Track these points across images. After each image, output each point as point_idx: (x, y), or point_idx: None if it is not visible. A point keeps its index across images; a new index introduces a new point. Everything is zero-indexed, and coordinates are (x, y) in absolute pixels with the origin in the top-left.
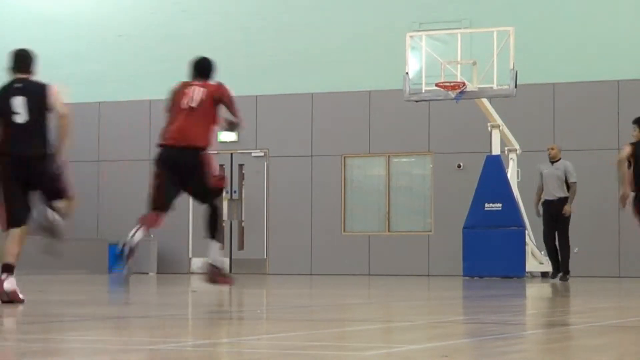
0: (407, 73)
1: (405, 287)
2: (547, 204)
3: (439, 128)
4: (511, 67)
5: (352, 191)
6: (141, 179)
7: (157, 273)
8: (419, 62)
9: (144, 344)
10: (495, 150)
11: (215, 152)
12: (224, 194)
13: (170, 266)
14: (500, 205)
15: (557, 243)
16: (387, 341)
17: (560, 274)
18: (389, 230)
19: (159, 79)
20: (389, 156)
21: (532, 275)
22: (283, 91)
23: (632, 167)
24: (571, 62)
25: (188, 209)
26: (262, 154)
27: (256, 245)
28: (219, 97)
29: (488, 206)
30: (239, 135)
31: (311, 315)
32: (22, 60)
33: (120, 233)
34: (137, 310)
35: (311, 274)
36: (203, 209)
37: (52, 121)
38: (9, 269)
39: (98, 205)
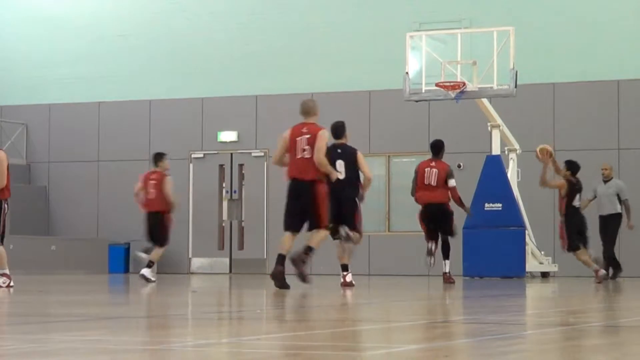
0: (407, 73)
1: (405, 287)
2: (601, 219)
3: (439, 128)
4: (511, 67)
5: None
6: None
7: (157, 273)
8: (419, 62)
9: (144, 344)
10: (495, 150)
11: (215, 152)
12: (224, 193)
13: (170, 266)
14: (500, 205)
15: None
16: (387, 341)
17: (612, 273)
18: (389, 230)
19: (159, 79)
20: (389, 156)
21: (532, 275)
22: (283, 91)
23: (565, 199)
24: (571, 62)
25: (188, 210)
26: (262, 154)
27: (256, 245)
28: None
29: (488, 206)
30: (239, 136)
31: (311, 315)
32: (338, 130)
33: (121, 233)
34: (137, 310)
35: (311, 274)
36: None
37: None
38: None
39: (98, 205)
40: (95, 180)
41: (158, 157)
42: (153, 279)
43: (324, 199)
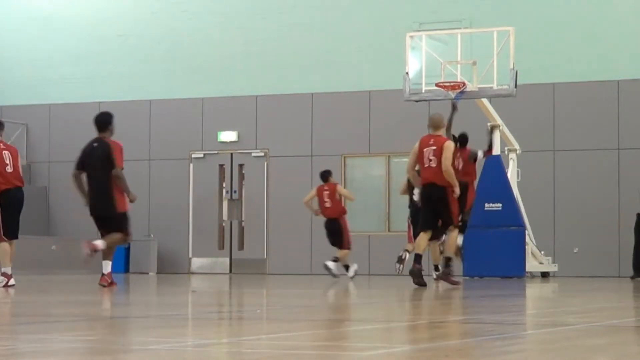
0: (407, 73)
1: (405, 287)
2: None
3: None
4: (511, 67)
5: (352, 191)
6: (141, 179)
7: (157, 273)
8: (419, 62)
9: (144, 344)
10: (495, 150)
11: (215, 152)
12: (224, 193)
13: (170, 266)
14: (500, 205)
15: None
16: (387, 341)
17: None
18: (389, 230)
19: (159, 79)
20: (389, 156)
21: (532, 275)
22: (283, 91)
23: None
24: (571, 62)
25: (188, 210)
26: (262, 154)
27: (256, 245)
28: None
29: (488, 206)
30: (239, 136)
31: (311, 315)
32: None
33: None
34: (137, 310)
35: (311, 274)
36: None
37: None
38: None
39: None
40: None
41: (328, 174)
42: (337, 272)
43: (454, 201)
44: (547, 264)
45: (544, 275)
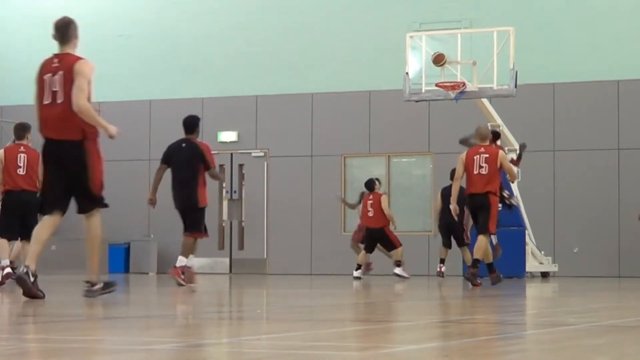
0: (407, 73)
1: (405, 287)
2: None
3: (439, 128)
4: (511, 67)
5: (352, 191)
6: (141, 179)
7: (157, 273)
8: (419, 62)
9: (144, 344)
10: None
11: (215, 152)
12: (224, 193)
13: (170, 266)
14: (500, 205)
15: None
16: (387, 341)
17: None
18: None
19: (159, 79)
20: (389, 156)
21: (532, 275)
22: (283, 91)
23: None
24: (571, 62)
25: None
26: (262, 154)
27: (256, 245)
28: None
29: None
30: (239, 135)
31: (311, 315)
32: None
33: (121, 233)
34: (137, 310)
35: (311, 274)
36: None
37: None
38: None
39: None
40: None
41: (372, 183)
42: (407, 275)
43: (495, 209)
44: (547, 264)
45: (544, 275)
